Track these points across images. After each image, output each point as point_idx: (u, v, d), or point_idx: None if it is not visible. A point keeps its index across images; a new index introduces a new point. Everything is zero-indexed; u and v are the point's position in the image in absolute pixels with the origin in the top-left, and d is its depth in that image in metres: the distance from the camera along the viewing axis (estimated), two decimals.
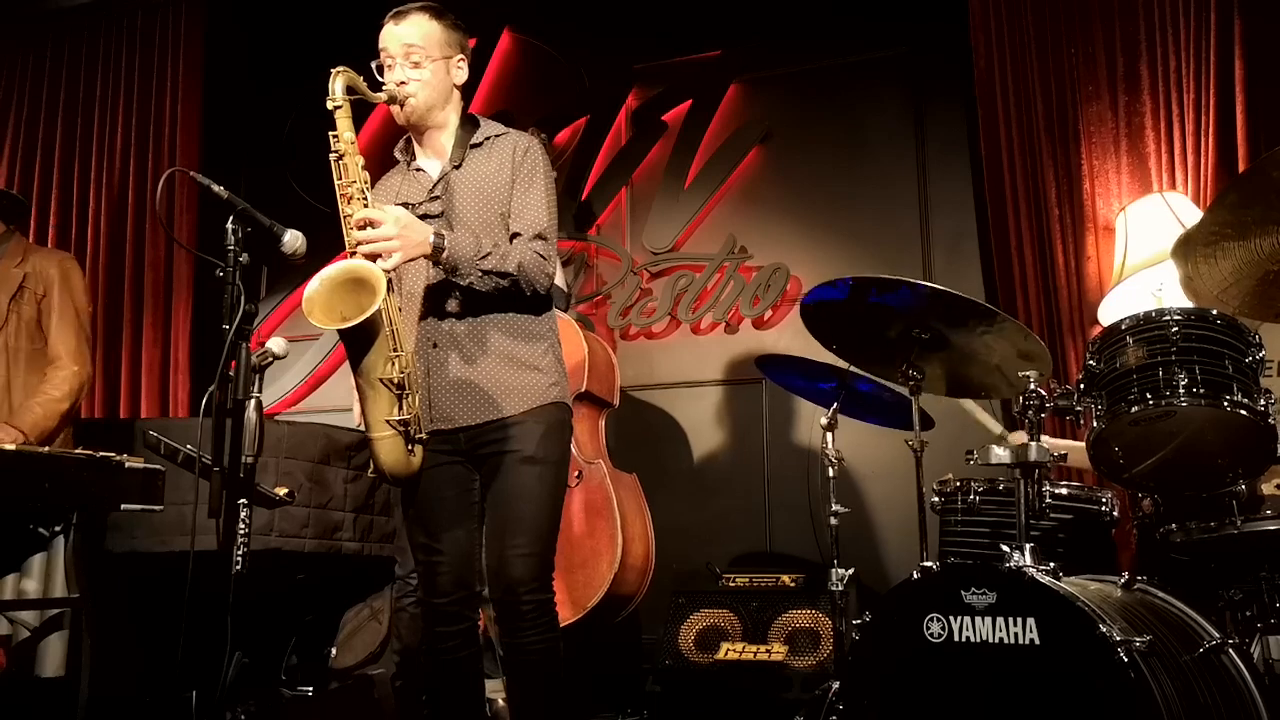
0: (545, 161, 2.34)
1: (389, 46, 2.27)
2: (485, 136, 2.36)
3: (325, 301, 2.04)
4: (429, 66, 2.27)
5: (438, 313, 2.27)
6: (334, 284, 2.05)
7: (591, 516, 3.28)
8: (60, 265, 3.14)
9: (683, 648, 3.39)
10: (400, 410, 2.13)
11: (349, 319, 2.00)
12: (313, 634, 3.59)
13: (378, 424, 2.13)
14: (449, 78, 2.34)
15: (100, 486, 2.55)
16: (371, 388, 2.10)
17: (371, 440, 2.15)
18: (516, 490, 2.19)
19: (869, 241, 4.01)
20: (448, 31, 2.33)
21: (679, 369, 4.21)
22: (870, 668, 2.14)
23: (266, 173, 4.76)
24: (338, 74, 2.15)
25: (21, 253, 3.14)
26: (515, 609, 2.14)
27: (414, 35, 2.27)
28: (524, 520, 2.17)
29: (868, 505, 3.84)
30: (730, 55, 4.34)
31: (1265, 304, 2.27)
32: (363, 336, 2.06)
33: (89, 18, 4.92)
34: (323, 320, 2.02)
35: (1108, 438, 2.24)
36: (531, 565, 2.16)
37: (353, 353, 2.10)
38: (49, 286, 3.09)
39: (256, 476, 2.03)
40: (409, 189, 2.36)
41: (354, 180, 2.15)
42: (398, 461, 2.17)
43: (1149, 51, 3.51)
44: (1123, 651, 1.81)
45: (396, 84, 2.25)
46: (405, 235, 2.08)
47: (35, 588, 2.53)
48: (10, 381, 3.01)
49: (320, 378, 4.67)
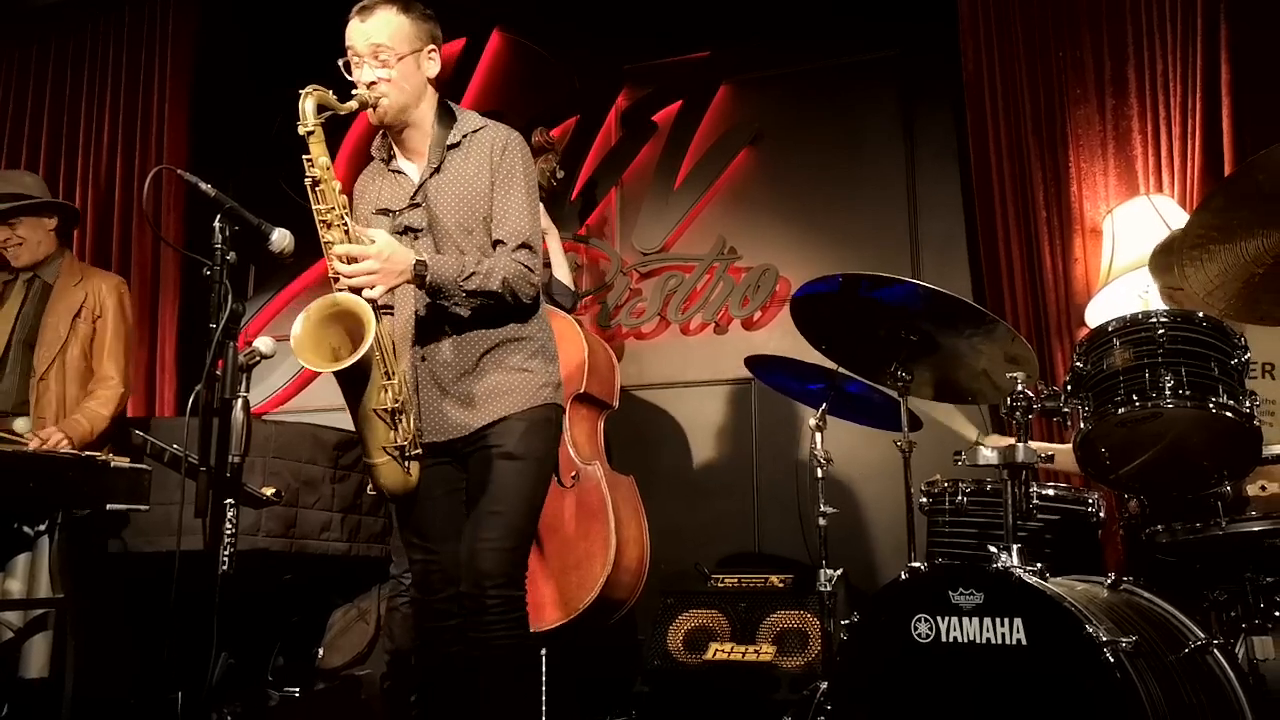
0: (525, 159, 2.29)
1: (355, 44, 2.19)
2: (463, 134, 2.29)
3: (313, 339, 2.04)
4: (398, 65, 2.18)
5: (427, 326, 2.26)
6: (320, 320, 2.05)
7: (586, 518, 3.27)
8: (116, 289, 3.28)
9: (671, 648, 3.39)
10: (396, 436, 2.15)
11: (341, 355, 2.00)
12: (300, 635, 3.58)
13: (375, 451, 2.15)
14: (420, 72, 2.24)
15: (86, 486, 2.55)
16: (367, 418, 2.12)
17: (370, 465, 2.18)
18: (494, 485, 2.18)
19: (858, 243, 4.02)
20: (416, 24, 2.23)
21: (668, 369, 4.21)
22: (858, 668, 2.15)
23: (255, 172, 4.73)
24: (308, 94, 2.09)
25: (79, 272, 3.29)
26: (481, 602, 2.14)
27: (381, 32, 2.18)
28: (498, 515, 2.17)
29: (856, 506, 3.84)
30: (720, 56, 4.34)
31: (1250, 306, 2.28)
32: (357, 374, 2.07)
33: (76, 15, 4.89)
34: (314, 361, 2.02)
35: (1094, 439, 2.25)
36: (501, 560, 2.14)
37: (346, 388, 2.11)
38: (105, 309, 3.23)
39: (243, 476, 2.02)
40: (389, 194, 2.33)
41: (332, 206, 2.12)
42: (396, 482, 2.20)
43: (1136, 55, 3.52)
44: (1109, 652, 1.81)
45: (366, 85, 2.17)
46: (387, 267, 2.07)
47: (19, 588, 2.52)
48: (66, 395, 3.13)
49: (308, 377, 4.65)
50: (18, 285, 3.24)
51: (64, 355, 3.14)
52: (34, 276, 3.24)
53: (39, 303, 3.20)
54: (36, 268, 3.23)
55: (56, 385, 3.11)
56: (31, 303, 3.20)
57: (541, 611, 3.17)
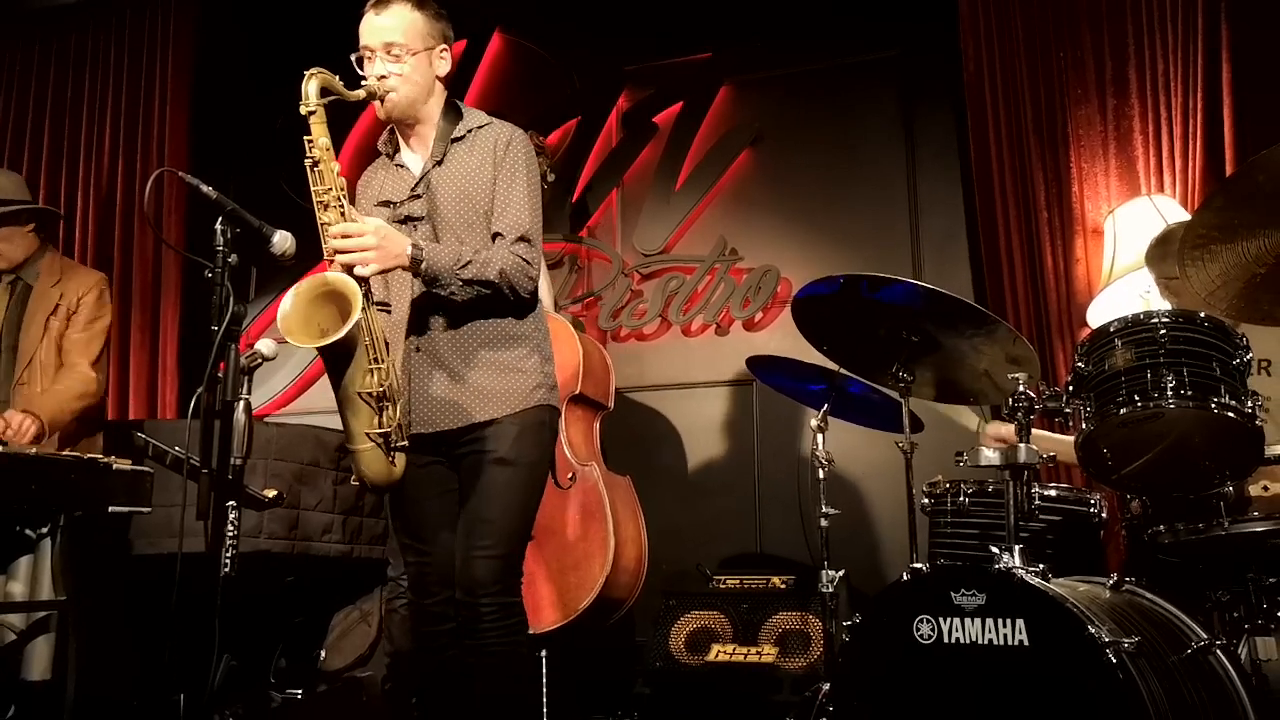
0: (528, 155, 2.29)
1: (369, 39, 2.21)
2: (468, 129, 2.30)
3: (301, 316, 2.02)
4: (410, 60, 2.21)
5: (422, 318, 2.26)
6: (309, 298, 2.04)
7: (584, 519, 3.27)
8: (95, 285, 3.25)
9: (673, 649, 3.39)
10: (380, 423, 2.11)
11: (327, 333, 1.98)
12: (302, 636, 3.58)
13: (358, 436, 2.12)
14: (431, 70, 2.27)
15: (88, 488, 2.54)
16: (351, 401, 2.09)
17: (353, 452, 2.14)
18: (485, 491, 2.17)
19: (859, 243, 4.02)
20: (430, 22, 2.26)
21: (669, 370, 4.21)
22: (860, 669, 2.14)
23: (256, 174, 4.73)
24: (311, 76, 2.11)
25: (58, 271, 3.24)
26: (475, 610, 2.12)
27: (395, 27, 2.20)
28: (490, 521, 2.15)
29: (858, 507, 3.84)
30: (721, 57, 4.34)
31: (1252, 306, 2.28)
32: (341, 352, 2.04)
33: (77, 17, 4.89)
34: (300, 338, 2.00)
35: (1096, 439, 2.25)
36: (494, 567, 2.13)
37: (331, 368, 2.09)
38: (82, 305, 3.19)
39: (245, 478, 2.02)
40: (391, 186, 2.34)
41: (330, 187, 2.12)
42: (379, 472, 2.16)
43: (1137, 55, 3.52)
44: (1111, 652, 1.81)
45: (376, 78, 2.19)
46: (383, 246, 2.06)
47: (21, 590, 2.52)
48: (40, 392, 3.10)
49: (309, 380, 4.65)
50: (2, 289, 3.21)
51: (38, 356, 3.11)
52: (16, 279, 3.20)
53: (20, 306, 3.17)
54: (19, 269, 3.20)
55: (31, 387, 3.09)
56: (14, 307, 3.18)
57: (540, 613, 3.17)
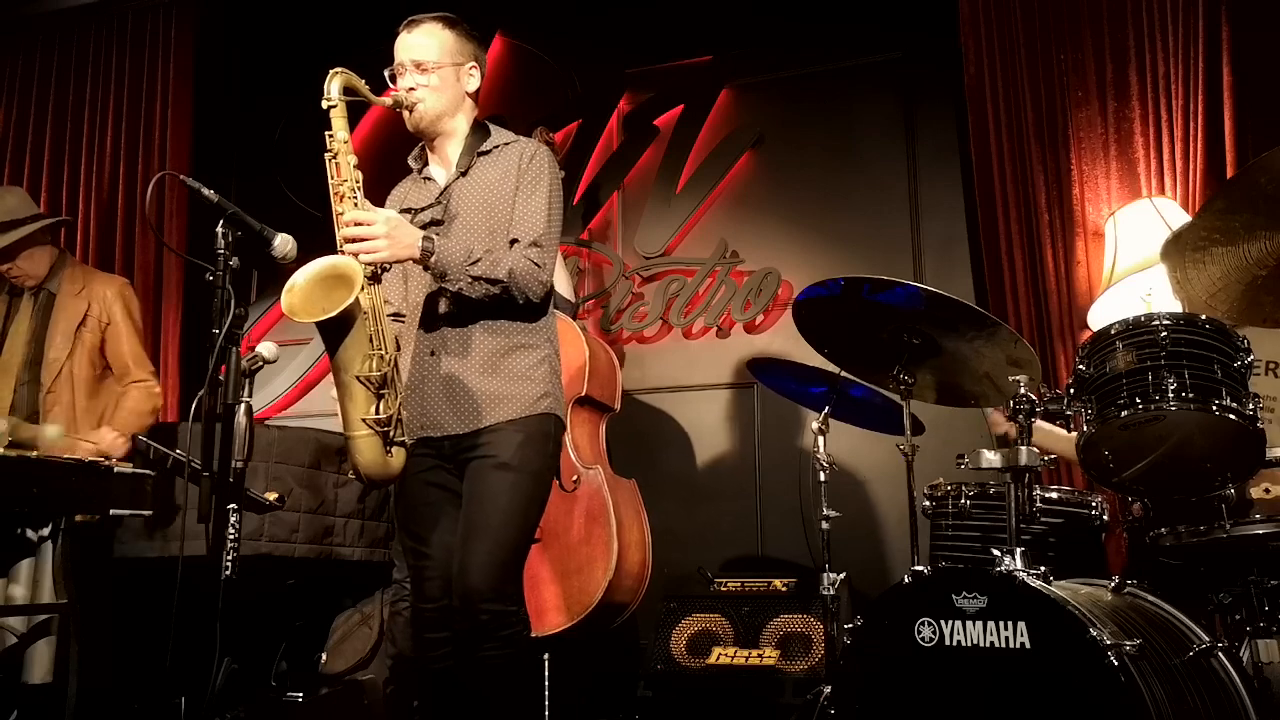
0: (552, 168, 2.32)
1: (401, 55, 2.30)
2: (494, 145, 2.36)
3: (305, 295, 2.03)
4: (437, 74, 2.28)
5: (434, 321, 2.28)
6: (315, 279, 2.05)
7: (588, 522, 3.27)
8: (121, 294, 3.27)
9: (674, 652, 3.39)
10: (378, 410, 2.09)
11: (327, 312, 1.99)
12: (303, 639, 3.58)
13: (355, 423, 2.09)
14: (459, 84, 2.34)
15: (89, 491, 2.54)
16: (348, 385, 2.08)
17: (348, 439, 2.11)
18: (486, 497, 2.16)
19: (860, 246, 4.03)
20: (460, 40, 2.34)
21: (671, 373, 4.21)
22: (862, 672, 2.14)
23: (257, 178, 4.75)
24: (334, 75, 2.17)
25: (81, 279, 3.26)
26: (472, 619, 2.10)
27: (425, 44, 2.29)
28: (489, 529, 2.14)
29: (859, 509, 3.84)
30: (722, 60, 4.34)
31: (1254, 309, 2.28)
32: (339, 329, 2.04)
33: (79, 20, 4.90)
34: (300, 313, 2.01)
35: (1097, 442, 2.25)
36: (491, 575, 2.11)
37: (330, 346, 2.07)
38: (113, 316, 3.22)
39: (246, 481, 2.03)
40: (415, 196, 2.39)
41: (345, 179, 2.16)
42: (373, 462, 2.11)
43: (1138, 58, 3.53)
44: (1113, 655, 1.81)
45: (405, 90, 2.27)
46: (394, 236, 2.09)
47: (22, 593, 2.52)
48: (75, 406, 3.13)
49: (311, 382, 4.66)
50: (25, 299, 3.24)
51: (70, 366, 3.14)
52: (40, 288, 3.23)
53: (44, 315, 3.20)
54: (43, 281, 3.23)
55: (65, 397, 3.12)
56: (38, 316, 3.21)
57: (544, 616, 3.17)
